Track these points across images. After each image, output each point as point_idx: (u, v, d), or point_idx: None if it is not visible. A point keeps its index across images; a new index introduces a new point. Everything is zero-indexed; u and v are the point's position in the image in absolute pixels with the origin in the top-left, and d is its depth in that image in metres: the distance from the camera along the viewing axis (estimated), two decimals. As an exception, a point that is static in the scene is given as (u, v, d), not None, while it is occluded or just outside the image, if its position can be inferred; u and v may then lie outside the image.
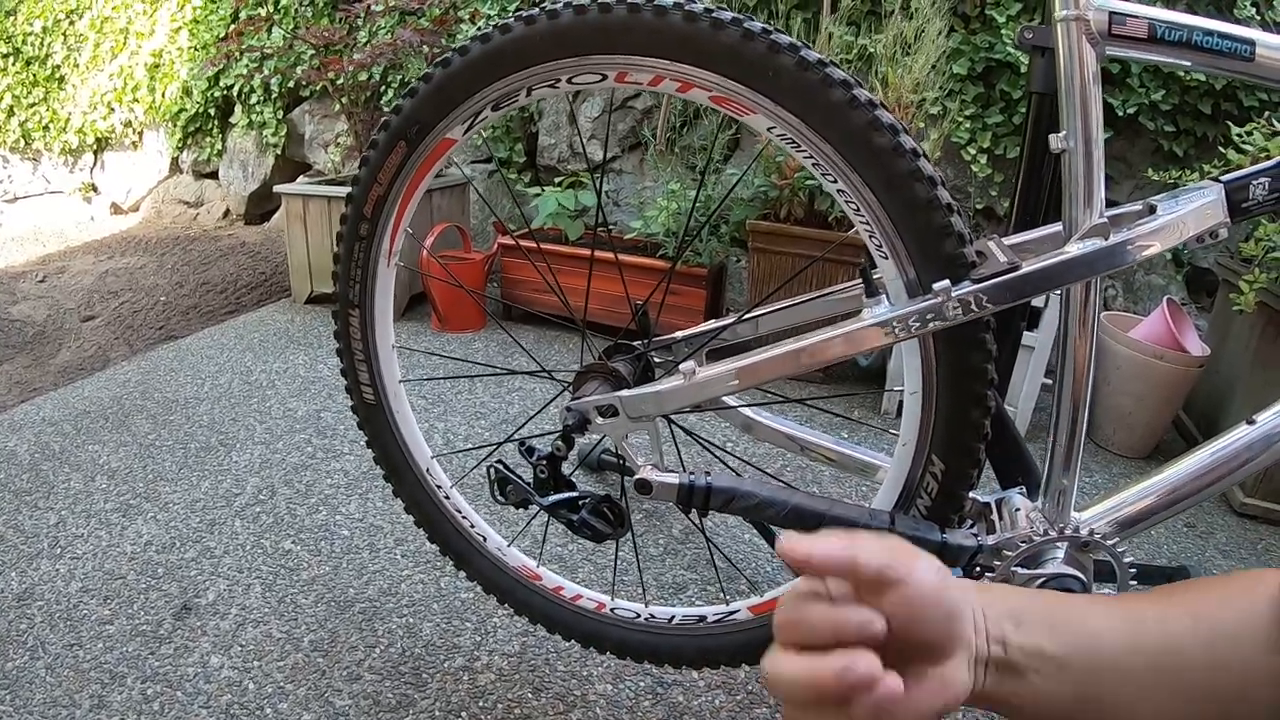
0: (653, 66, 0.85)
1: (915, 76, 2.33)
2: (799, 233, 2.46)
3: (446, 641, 1.42)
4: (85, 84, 5.07)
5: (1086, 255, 0.78)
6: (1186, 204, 0.79)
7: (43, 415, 2.31)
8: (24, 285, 3.72)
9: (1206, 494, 0.91)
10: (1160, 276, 2.68)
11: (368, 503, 1.83)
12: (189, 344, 2.90)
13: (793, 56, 0.79)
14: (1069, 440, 0.90)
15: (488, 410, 2.32)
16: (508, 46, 0.90)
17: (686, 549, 1.69)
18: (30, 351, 2.95)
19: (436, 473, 1.27)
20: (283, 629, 1.44)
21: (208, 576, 1.58)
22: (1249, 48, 0.77)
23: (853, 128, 0.80)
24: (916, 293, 0.82)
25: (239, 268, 3.84)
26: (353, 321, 1.16)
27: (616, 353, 1.06)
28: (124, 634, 1.43)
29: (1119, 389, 2.16)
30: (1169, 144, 2.54)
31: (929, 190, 0.79)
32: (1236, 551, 1.78)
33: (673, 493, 0.92)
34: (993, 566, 0.90)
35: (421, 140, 1.01)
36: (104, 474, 1.96)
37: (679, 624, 1.18)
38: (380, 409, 1.22)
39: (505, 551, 1.28)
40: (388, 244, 1.11)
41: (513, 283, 3.11)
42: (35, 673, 1.34)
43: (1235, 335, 2.11)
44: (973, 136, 2.65)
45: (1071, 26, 0.79)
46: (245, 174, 4.70)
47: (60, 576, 1.58)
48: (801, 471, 2.01)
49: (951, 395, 0.87)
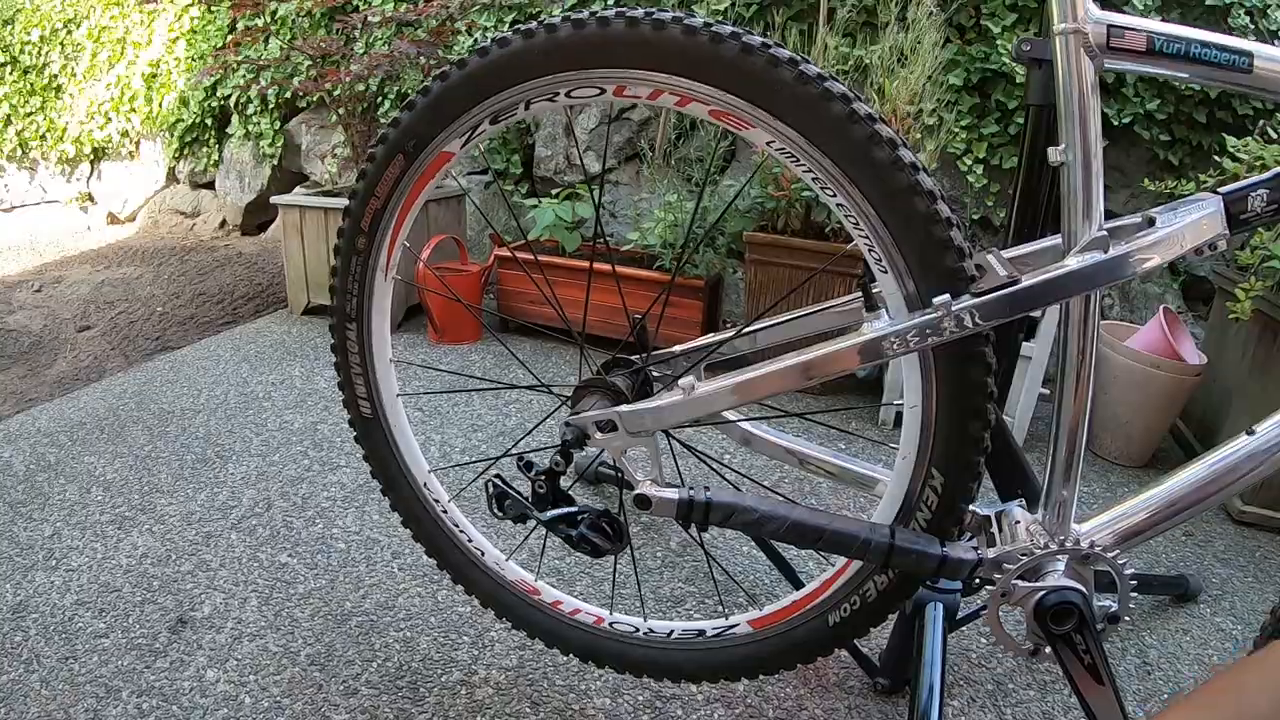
0: (651, 81, 0.85)
1: (911, 88, 2.33)
2: (796, 244, 2.46)
3: (444, 655, 1.41)
4: (82, 93, 5.07)
5: (1086, 268, 0.78)
6: (1185, 216, 0.79)
7: (38, 426, 2.30)
8: (20, 295, 3.71)
9: (1207, 505, 0.91)
10: (1156, 285, 2.68)
11: (365, 516, 1.82)
12: (185, 355, 2.90)
13: (792, 70, 0.79)
14: (1069, 453, 0.90)
15: (485, 423, 2.31)
16: (506, 60, 0.90)
17: (685, 561, 1.69)
18: (26, 362, 2.94)
19: (434, 486, 1.26)
20: (279, 643, 1.43)
21: (204, 589, 1.57)
22: (1247, 59, 0.77)
23: (852, 142, 0.80)
24: (916, 307, 0.82)
25: (235, 278, 3.83)
26: (350, 335, 1.16)
27: (615, 367, 1.05)
28: (119, 647, 1.42)
29: (1116, 398, 2.16)
30: (1164, 153, 2.54)
31: (928, 204, 0.79)
32: (1235, 559, 1.78)
33: (672, 508, 0.92)
34: (993, 580, 0.90)
35: (419, 153, 1.01)
36: (99, 486, 1.95)
37: (678, 639, 1.17)
38: (377, 423, 1.22)
39: (503, 565, 1.27)
40: (385, 258, 1.10)
41: (509, 295, 3.10)
42: (30, 686, 1.33)
43: (1232, 344, 2.12)
44: (968, 147, 2.66)
45: (1070, 39, 0.79)
46: (242, 184, 4.69)
47: (55, 589, 1.57)
48: (800, 484, 2.01)
49: (951, 409, 0.86)
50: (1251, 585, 1.70)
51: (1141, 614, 1.59)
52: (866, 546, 0.88)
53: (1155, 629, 1.55)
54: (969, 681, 1.39)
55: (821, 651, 1.07)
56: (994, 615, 0.91)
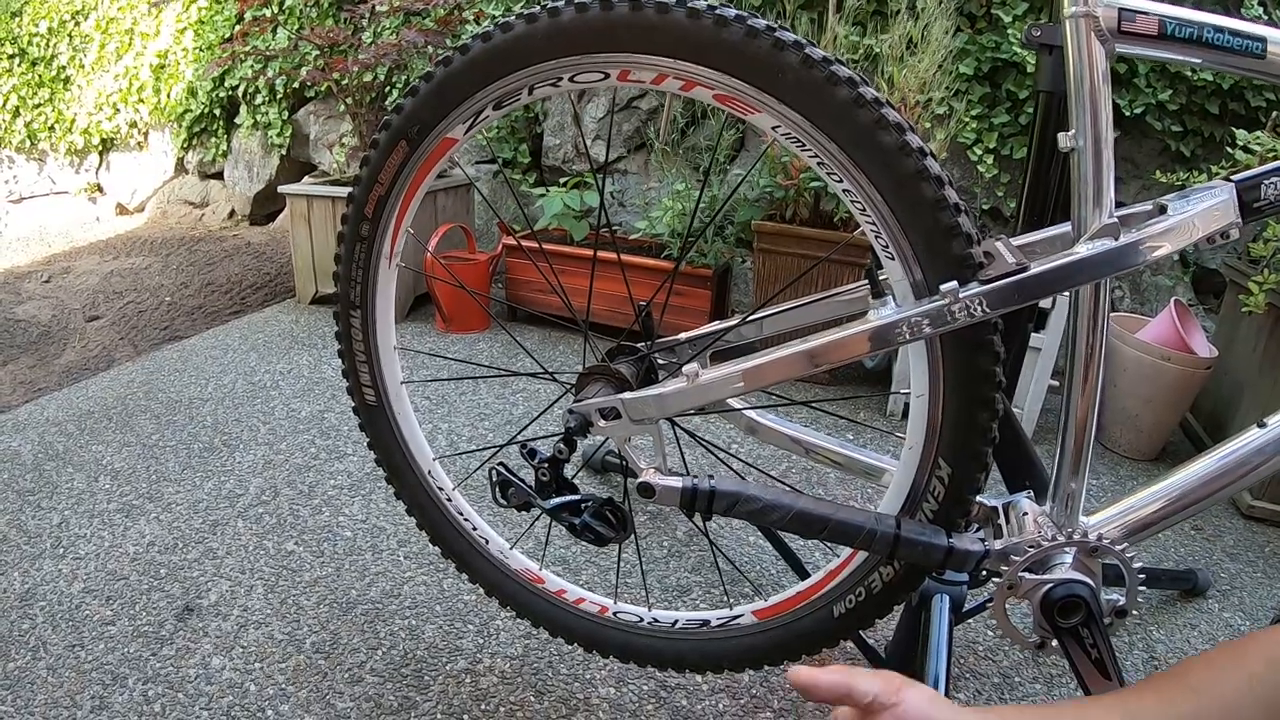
0: (655, 64, 0.84)
1: (921, 76, 2.32)
2: (805, 233, 2.45)
3: (449, 644, 1.41)
4: (91, 85, 5.08)
5: (1096, 256, 0.77)
6: (1197, 204, 0.78)
7: (47, 415, 2.30)
8: (29, 285, 3.72)
9: (1216, 498, 0.90)
10: (1167, 277, 2.66)
11: (371, 504, 1.82)
12: (193, 344, 2.90)
13: (797, 54, 0.78)
14: (1077, 444, 0.89)
15: (491, 411, 2.31)
16: (509, 45, 0.89)
17: (691, 551, 1.68)
18: (35, 351, 2.94)
19: (438, 475, 1.26)
20: (284, 630, 1.44)
21: (210, 578, 1.57)
22: (1260, 45, 0.76)
23: (858, 126, 0.78)
24: (923, 294, 0.81)
25: (244, 268, 3.84)
26: (354, 322, 1.16)
27: (619, 354, 1.05)
28: (126, 635, 1.42)
29: (1125, 391, 2.14)
30: (1176, 144, 2.52)
31: (936, 189, 0.78)
32: (1244, 554, 1.77)
33: (676, 496, 0.91)
34: (999, 572, 0.89)
35: (423, 139, 1.00)
36: (107, 474, 1.96)
37: (682, 628, 1.17)
38: (382, 410, 1.21)
39: (508, 554, 1.27)
40: (389, 244, 1.10)
41: (517, 284, 3.10)
42: (37, 673, 1.34)
43: (1243, 337, 2.10)
44: (979, 136, 2.64)
45: (1080, 23, 0.78)
46: (250, 174, 4.70)
47: (63, 577, 1.58)
48: (806, 474, 2.00)
49: (958, 398, 0.85)
50: (1260, 580, 1.68)
51: (1150, 608, 1.58)
52: (872, 537, 0.88)
53: (1163, 623, 1.54)
54: (975, 674, 1.38)
55: (827, 642, 1.07)
56: (1000, 607, 0.90)
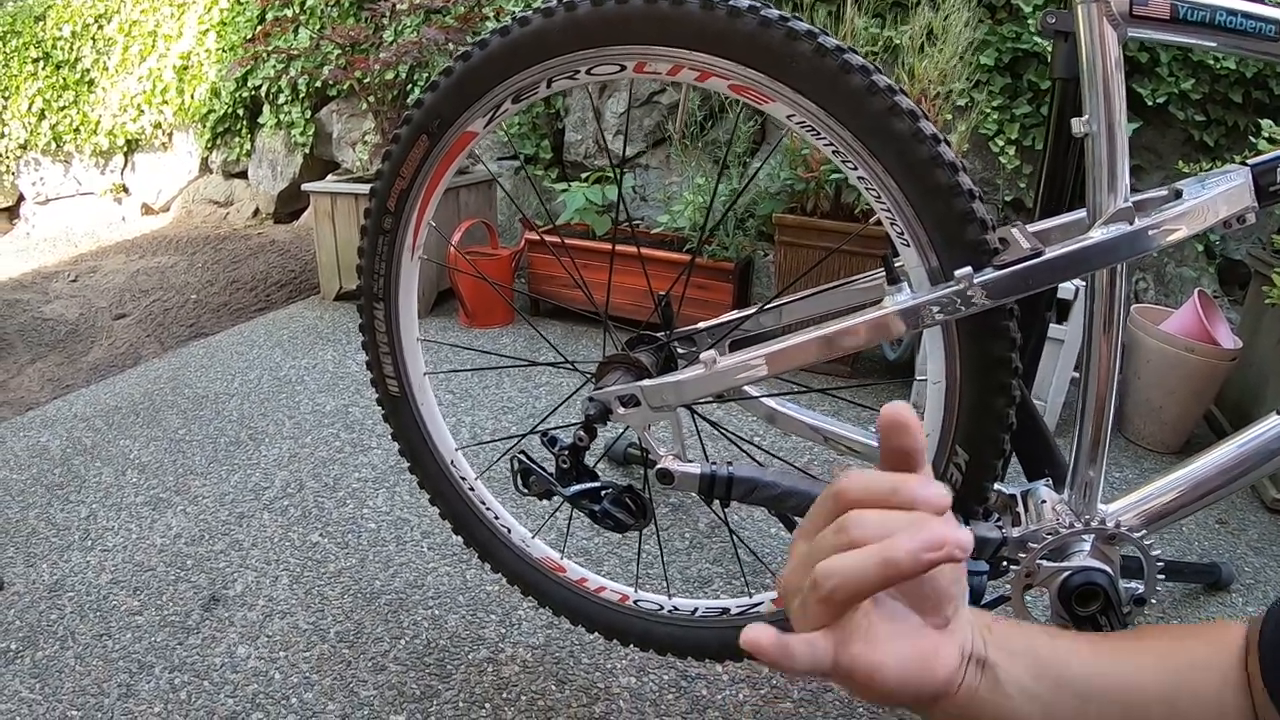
0: (671, 56, 0.85)
1: (941, 68, 2.31)
2: (826, 226, 2.45)
3: (471, 633, 1.43)
4: (115, 87, 5.14)
5: (1110, 240, 0.77)
6: (1213, 188, 0.78)
7: (74, 411, 2.34)
8: (56, 285, 3.78)
9: (1235, 487, 0.90)
10: (1192, 269, 2.64)
11: (395, 496, 1.84)
12: (219, 341, 2.94)
13: (810, 43, 0.79)
14: (1095, 431, 0.89)
15: (515, 405, 2.33)
16: (527, 39, 0.90)
17: (713, 543, 1.69)
18: (63, 349, 2.99)
19: (461, 465, 1.27)
20: (309, 620, 1.46)
21: (236, 568, 1.60)
22: (1274, 27, 0.76)
23: (872, 114, 0.79)
24: (939, 280, 0.82)
25: (268, 266, 3.88)
26: (377, 314, 1.17)
27: (639, 343, 1.06)
28: (152, 625, 1.45)
29: (1149, 383, 2.13)
30: (1199, 133, 2.50)
31: (950, 176, 0.78)
32: (1269, 548, 1.75)
33: (694, 483, 0.92)
34: (1018, 559, 0.89)
35: (444, 133, 1.01)
36: (134, 468, 1.99)
37: (702, 616, 1.18)
38: (405, 401, 1.23)
39: (529, 543, 1.28)
40: (411, 237, 1.11)
41: (540, 278, 3.12)
42: (65, 662, 1.37)
43: (1268, 328, 2.08)
44: (1000, 128, 2.62)
45: (1092, 9, 0.78)
46: (274, 173, 4.74)
47: (90, 568, 1.61)
48: (827, 465, 2.00)
49: (975, 385, 0.86)
50: (1286, 571, 1.67)
51: (1173, 601, 1.57)
52: (889, 523, 0.88)
53: (1186, 617, 1.53)
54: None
55: (845, 630, 1.07)
56: (1018, 596, 0.90)
